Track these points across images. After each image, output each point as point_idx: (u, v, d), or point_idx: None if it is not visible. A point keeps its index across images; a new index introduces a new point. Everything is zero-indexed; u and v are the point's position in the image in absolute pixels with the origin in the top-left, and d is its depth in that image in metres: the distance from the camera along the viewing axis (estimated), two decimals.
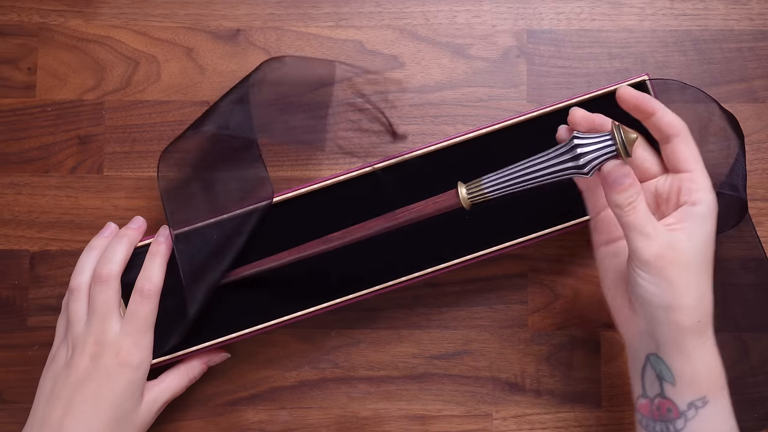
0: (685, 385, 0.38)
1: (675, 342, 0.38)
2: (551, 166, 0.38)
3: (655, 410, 0.39)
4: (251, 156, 0.50)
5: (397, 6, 0.53)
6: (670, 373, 0.38)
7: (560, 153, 0.38)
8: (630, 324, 0.41)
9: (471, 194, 0.40)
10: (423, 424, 0.51)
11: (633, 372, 0.42)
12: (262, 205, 0.48)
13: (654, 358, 0.39)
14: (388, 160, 0.49)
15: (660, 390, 0.39)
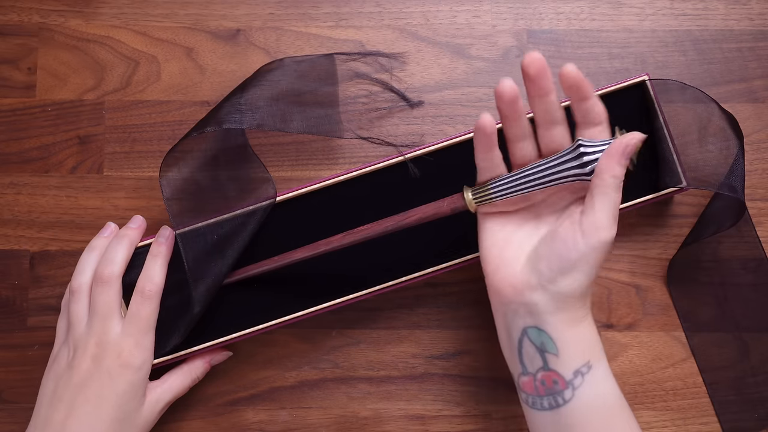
0: (570, 353, 0.38)
1: (566, 308, 0.38)
2: (556, 172, 0.39)
3: (539, 385, 0.39)
4: (252, 156, 0.50)
5: (397, 6, 0.53)
6: (553, 343, 0.38)
7: (565, 159, 0.39)
8: (512, 294, 0.39)
9: (477, 198, 0.41)
10: (423, 424, 0.51)
11: (508, 350, 0.41)
12: (265, 204, 0.48)
13: (533, 330, 0.39)
14: (388, 160, 0.49)
15: (542, 363, 0.39)
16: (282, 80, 0.49)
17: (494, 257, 0.41)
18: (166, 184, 0.49)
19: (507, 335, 0.41)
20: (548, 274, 0.38)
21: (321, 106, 0.50)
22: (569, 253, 0.38)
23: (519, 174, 0.40)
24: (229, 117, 0.47)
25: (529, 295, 0.39)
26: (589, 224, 0.37)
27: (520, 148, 0.41)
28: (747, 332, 0.52)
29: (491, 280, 0.41)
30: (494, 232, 0.42)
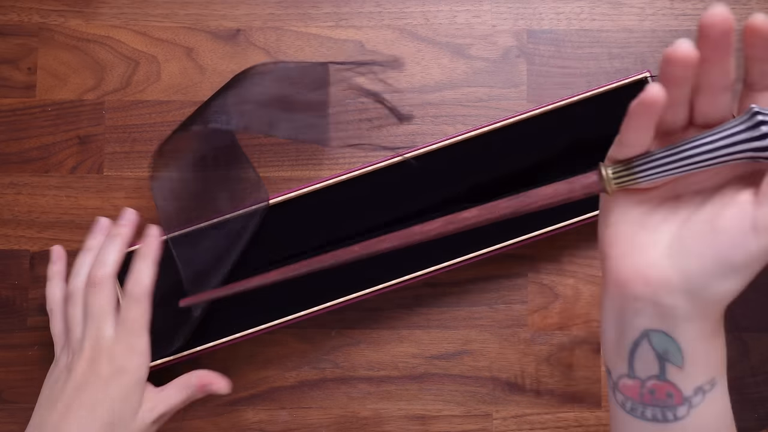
0: (696, 367, 0.32)
1: (706, 317, 0.32)
2: (724, 147, 0.30)
3: (647, 393, 0.33)
4: (243, 157, 0.50)
5: (397, 6, 0.53)
6: (680, 354, 0.32)
7: (736, 131, 0.30)
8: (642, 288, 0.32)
9: (620, 179, 0.33)
10: (423, 424, 0.51)
11: (613, 346, 0.34)
12: (260, 207, 0.48)
13: (659, 335, 0.32)
14: (388, 160, 0.49)
15: (659, 371, 0.33)
16: (270, 84, 0.49)
17: (623, 239, 0.33)
18: (158, 188, 0.49)
19: (617, 332, 0.34)
20: (699, 276, 0.31)
21: (310, 113, 0.51)
22: (734, 254, 0.30)
23: (675, 149, 0.31)
24: (216, 117, 0.47)
25: (666, 296, 0.31)
26: (765, 220, 0.29)
27: (672, 114, 0.32)
28: (747, 332, 0.52)
29: (615, 265, 0.33)
30: (625, 210, 0.34)
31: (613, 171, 0.33)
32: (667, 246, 0.32)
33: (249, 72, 0.50)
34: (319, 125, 0.51)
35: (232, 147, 0.50)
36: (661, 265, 0.32)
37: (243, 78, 0.49)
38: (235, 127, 0.47)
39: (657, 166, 0.32)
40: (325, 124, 0.51)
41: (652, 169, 0.32)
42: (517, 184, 0.49)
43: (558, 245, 0.52)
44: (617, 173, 0.33)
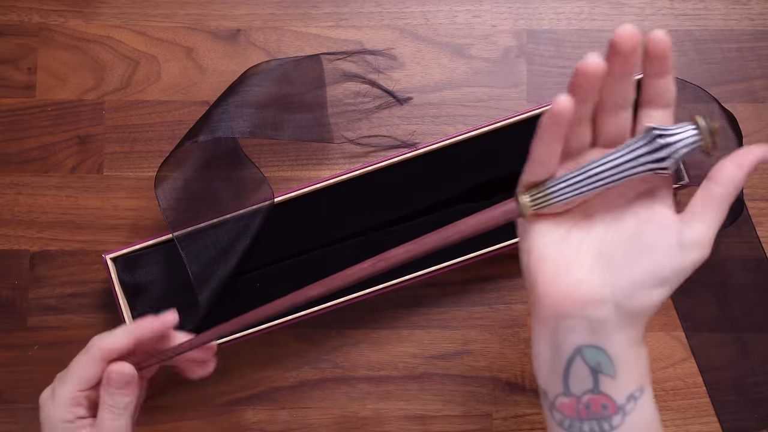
0: (627, 376, 0.34)
1: (633, 326, 0.33)
2: (626, 163, 0.33)
3: (583, 409, 0.34)
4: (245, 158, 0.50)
5: (397, 6, 0.53)
6: (611, 365, 0.34)
7: (637, 147, 0.33)
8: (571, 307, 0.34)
9: (536, 202, 0.35)
10: (423, 424, 0.51)
11: (547, 368, 0.35)
12: (265, 206, 0.48)
13: (591, 350, 0.34)
14: (388, 160, 0.49)
15: (593, 385, 0.34)
16: (268, 84, 0.50)
17: (548, 263, 0.35)
18: (162, 194, 0.49)
19: (553, 352, 0.35)
20: (628, 288, 0.33)
21: (310, 110, 0.51)
22: (662, 268, 0.32)
23: (584, 170, 0.34)
24: (220, 125, 0.47)
25: (595, 310, 0.33)
26: (693, 239, 0.32)
27: (577, 135, 0.35)
28: (747, 332, 0.52)
29: (544, 290, 0.34)
30: (544, 233, 0.35)
31: (529, 196, 0.35)
32: (592, 263, 0.34)
33: (247, 74, 0.50)
34: (319, 123, 0.51)
35: (234, 148, 0.50)
36: (590, 281, 0.33)
37: (241, 82, 0.49)
38: (240, 134, 0.48)
39: (569, 187, 0.34)
40: (326, 120, 0.51)
41: (564, 190, 0.34)
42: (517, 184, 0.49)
43: None
44: (533, 197, 0.35)
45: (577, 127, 0.35)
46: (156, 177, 0.49)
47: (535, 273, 0.35)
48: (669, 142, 0.33)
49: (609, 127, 0.35)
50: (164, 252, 0.49)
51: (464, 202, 0.49)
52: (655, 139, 0.33)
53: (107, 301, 0.52)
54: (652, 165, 0.33)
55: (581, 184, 0.34)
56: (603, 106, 0.35)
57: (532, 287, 0.35)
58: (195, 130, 0.48)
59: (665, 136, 0.33)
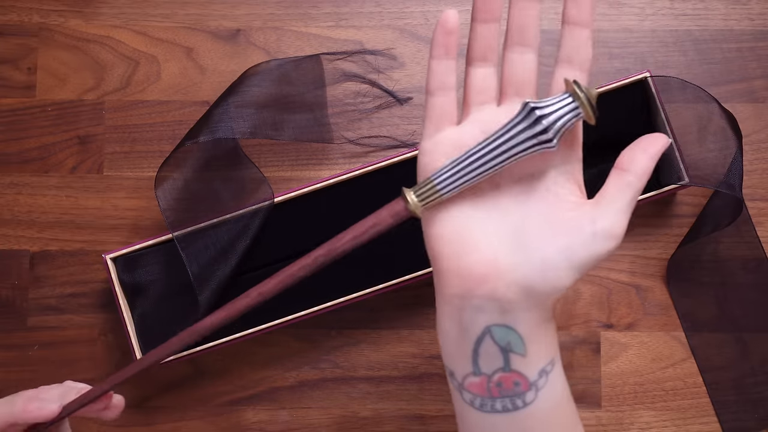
0: (537, 352, 0.33)
1: (542, 306, 0.33)
2: (509, 143, 0.32)
3: (493, 387, 0.33)
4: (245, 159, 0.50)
5: (397, 6, 0.53)
6: (522, 343, 0.33)
7: (516, 125, 0.32)
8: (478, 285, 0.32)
9: (423, 198, 0.33)
10: (423, 424, 0.51)
11: (454, 348, 0.34)
12: (265, 206, 0.48)
13: (500, 329, 0.32)
14: (388, 160, 0.49)
15: (503, 364, 0.33)
16: (268, 85, 0.50)
17: (454, 237, 0.33)
18: (162, 194, 0.49)
19: (459, 332, 0.34)
20: (539, 270, 0.32)
21: (310, 110, 0.51)
22: (575, 253, 0.31)
23: (467, 156, 0.32)
24: (220, 125, 0.47)
25: (506, 290, 0.32)
26: (607, 229, 0.31)
27: (481, 77, 0.34)
28: (747, 332, 0.52)
29: (450, 265, 0.33)
30: (448, 207, 0.34)
31: (416, 192, 0.33)
32: (501, 241, 0.33)
33: (247, 74, 0.50)
34: (319, 123, 0.51)
35: (234, 148, 0.50)
36: (499, 260, 0.32)
37: (241, 82, 0.49)
38: (241, 134, 0.48)
39: (456, 176, 0.32)
40: (326, 120, 0.51)
41: (451, 180, 0.32)
42: None
43: None
44: (421, 193, 0.33)
45: (483, 66, 0.34)
46: (156, 177, 0.49)
47: (439, 247, 0.33)
48: (545, 113, 0.31)
49: (513, 69, 0.34)
50: (164, 252, 0.49)
51: None
52: (531, 112, 0.31)
53: (107, 301, 0.52)
54: (534, 141, 0.32)
55: (467, 171, 0.32)
56: (507, 42, 0.34)
57: (435, 260, 0.33)
58: (195, 131, 0.48)
59: (541, 108, 0.31)
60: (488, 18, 0.33)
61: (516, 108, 0.32)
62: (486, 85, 0.35)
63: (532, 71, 0.34)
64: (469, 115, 0.34)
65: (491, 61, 0.34)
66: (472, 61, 0.35)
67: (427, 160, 0.34)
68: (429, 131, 0.34)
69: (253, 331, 0.48)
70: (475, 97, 0.35)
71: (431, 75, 0.34)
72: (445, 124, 0.34)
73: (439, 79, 0.34)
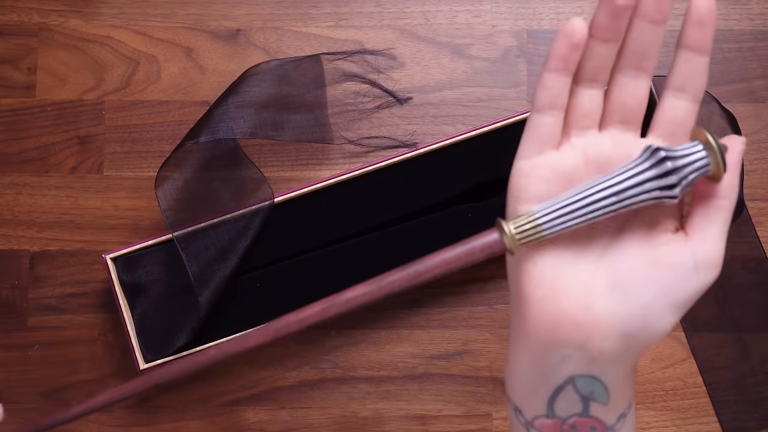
0: (620, 399, 0.31)
1: (635, 355, 0.31)
2: (632, 191, 0.29)
3: (567, 429, 0.31)
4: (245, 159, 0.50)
5: (397, 6, 0.53)
6: (606, 394, 0.31)
7: (642, 171, 0.29)
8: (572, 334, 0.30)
9: (523, 234, 0.29)
10: (423, 424, 0.51)
11: (528, 391, 0.32)
12: (265, 206, 0.48)
13: (585, 379, 0.30)
14: (388, 160, 0.49)
15: (582, 410, 0.31)
16: (268, 85, 0.50)
17: (544, 280, 0.30)
18: (162, 195, 0.49)
19: (537, 377, 0.31)
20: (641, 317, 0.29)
21: (310, 110, 0.51)
22: (675, 293, 0.29)
23: (579, 194, 0.29)
24: (221, 125, 0.47)
25: (600, 340, 0.29)
26: (708, 259, 0.29)
27: (588, 99, 0.31)
28: (747, 332, 0.52)
29: (539, 310, 0.30)
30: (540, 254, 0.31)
31: (515, 226, 0.30)
32: (597, 285, 0.30)
33: (247, 74, 0.50)
34: (319, 124, 0.51)
35: (234, 149, 0.50)
36: (595, 308, 0.29)
37: (241, 82, 0.49)
38: (241, 135, 0.48)
39: (564, 216, 0.29)
40: (326, 120, 0.51)
41: (559, 220, 0.29)
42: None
43: None
44: (519, 227, 0.30)
45: (590, 88, 0.31)
46: (156, 177, 0.49)
47: (527, 287, 0.30)
48: (678, 165, 0.28)
49: (623, 96, 0.31)
50: (164, 252, 0.49)
51: (464, 202, 0.49)
52: (662, 162, 0.28)
53: (107, 301, 0.52)
54: (659, 193, 0.29)
55: (578, 214, 0.29)
56: (620, 64, 0.31)
57: (522, 304, 0.31)
58: (195, 131, 0.48)
59: (674, 159, 0.28)
60: (610, 38, 0.30)
61: (621, 139, 0.30)
62: (592, 108, 0.31)
63: (643, 100, 0.31)
64: (569, 138, 0.31)
65: (601, 82, 0.31)
66: (582, 81, 0.31)
67: (522, 183, 0.31)
68: (528, 152, 0.31)
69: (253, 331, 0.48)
70: (578, 120, 0.31)
71: (542, 90, 0.30)
72: (548, 147, 0.31)
73: (552, 95, 0.30)
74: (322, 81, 0.51)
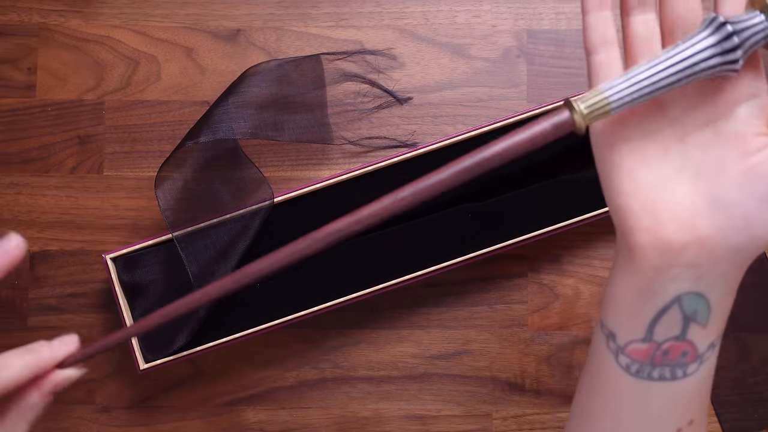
0: (717, 323, 0.31)
1: (740, 271, 0.31)
2: (693, 58, 0.29)
3: (659, 354, 0.31)
4: (245, 159, 0.50)
5: (397, 6, 0.53)
6: (709, 313, 0.31)
7: (703, 39, 0.29)
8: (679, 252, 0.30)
9: (591, 109, 0.30)
10: (423, 424, 0.51)
11: (628, 315, 0.32)
12: (265, 206, 0.48)
13: (692, 297, 0.31)
14: (388, 160, 0.49)
15: (680, 332, 0.31)
16: (268, 85, 0.50)
17: (647, 204, 0.31)
18: (162, 195, 0.49)
19: (640, 300, 0.31)
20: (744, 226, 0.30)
21: (310, 110, 0.51)
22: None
23: (639, 69, 0.30)
24: (221, 126, 0.47)
25: (708, 256, 0.30)
26: None
27: (643, 23, 0.32)
28: (747, 332, 0.52)
29: (645, 239, 0.30)
30: (634, 168, 0.31)
31: (583, 101, 0.30)
32: (697, 202, 0.30)
33: (247, 74, 0.50)
34: (319, 124, 0.51)
35: (234, 148, 0.50)
36: (699, 226, 0.30)
37: (241, 82, 0.49)
38: (241, 135, 0.48)
39: (627, 89, 0.30)
40: (326, 120, 0.51)
41: (623, 92, 0.30)
42: (518, 184, 0.49)
43: (558, 245, 0.52)
44: (590, 104, 0.30)
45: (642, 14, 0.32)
46: (156, 177, 0.49)
47: (630, 219, 0.31)
48: (738, 29, 0.29)
49: (677, 12, 0.31)
50: (164, 252, 0.49)
51: (464, 202, 0.49)
52: (722, 27, 0.29)
53: (107, 301, 0.52)
54: (720, 59, 0.29)
55: (642, 84, 0.30)
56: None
57: (628, 235, 0.31)
58: (195, 131, 0.48)
59: (733, 23, 0.29)
60: None
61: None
62: (650, 31, 0.32)
63: (697, 10, 0.31)
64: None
65: (650, 6, 0.32)
66: (630, 9, 0.32)
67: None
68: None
69: (253, 331, 0.48)
70: (639, 46, 0.32)
71: (589, 31, 0.32)
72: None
73: (600, 33, 0.32)
74: (322, 81, 0.51)
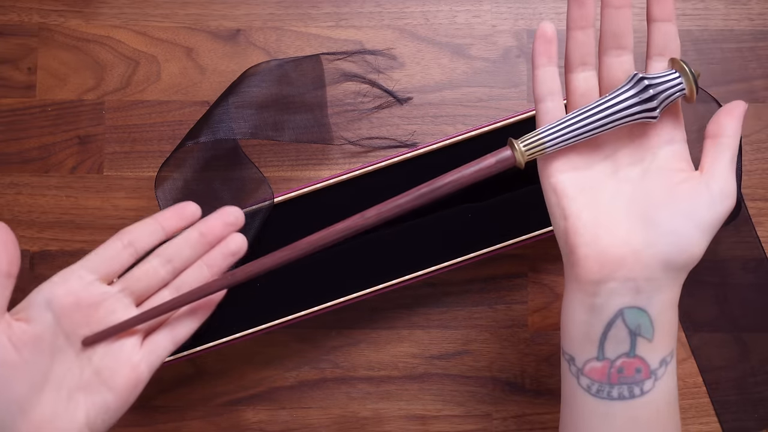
0: (662, 339, 0.34)
1: (676, 284, 0.34)
2: (616, 107, 0.35)
3: (614, 373, 0.34)
4: (245, 159, 0.50)
5: (397, 6, 0.53)
6: (651, 327, 0.34)
7: (624, 92, 0.35)
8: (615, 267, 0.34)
9: (530, 148, 0.36)
10: (423, 424, 0.51)
11: (580, 333, 0.35)
12: (265, 205, 0.48)
13: (633, 311, 0.34)
14: (388, 160, 0.49)
15: (629, 348, 0.34)
16: (268, 85, 0.50)
17: (587, 227, 0.35)
18: (162, 195, 0.49)
19: (588, 317, 0.34)
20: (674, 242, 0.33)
21: (310, 110, 0.51)
22: (702, 217, 0.33)
23: (573, 116, 0.36)
24: (221, 126, 0.47)
25: (643, 269, 0.33)
26: (720, 187, 0.33)
27: (584, 80, 0.37)
28: (747, 332, 0.52)
29: (585, 253, 0.34)
30: (575, 196, 0.36)
31: (523, 143, 0.37)
32: (631, 221, 0.34)
33: (247, 74, 0.50)
34: (319, 124, 0.51)
35: (234, 148, 0.50)
36: (633, 240, 0.34)
37: (241, 82, 0.49)
38: (241, 135, 0.48)
39: (561, 132, 0.36)
40: (326, 120, 0.51)
41: (557, 134, 0.36)
42: (518, 184, 0.49)
43: (558, 245, 0.52)
44: (527, 144, 0.36)
45: (582, 71, 0.37)
46: (156, 177, 0.49)
47: (574, 237, 0.35)
48: (653, 83, 0.35)
49: (612, 72, 0.37)
50: None
51: (464, 202, 0.49)
52: (640, 81, 0.35)
53: None
54: (639, 108, 0.35)
55: (573, 129, 0.35)
56: (603, 48, 0.37)
57: (572, 251, 0.35)
58: (195, 131, 0.48)
59: (650, 79, 0.35)
60: (584, 24, 0.37)
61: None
62: (589, 87, 0.37)
63: (630, 70, 0.37)
64: None
65: (591, 65, 0.37)
66: (573, 67, 0.37)
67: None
68: None
69: (253, 331, 0.48)
70: (579, 100, 0.37)
71: (538, 83, 0.37)
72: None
73: (548, 86, 0.37)
74: (322, 81, 0.51)
